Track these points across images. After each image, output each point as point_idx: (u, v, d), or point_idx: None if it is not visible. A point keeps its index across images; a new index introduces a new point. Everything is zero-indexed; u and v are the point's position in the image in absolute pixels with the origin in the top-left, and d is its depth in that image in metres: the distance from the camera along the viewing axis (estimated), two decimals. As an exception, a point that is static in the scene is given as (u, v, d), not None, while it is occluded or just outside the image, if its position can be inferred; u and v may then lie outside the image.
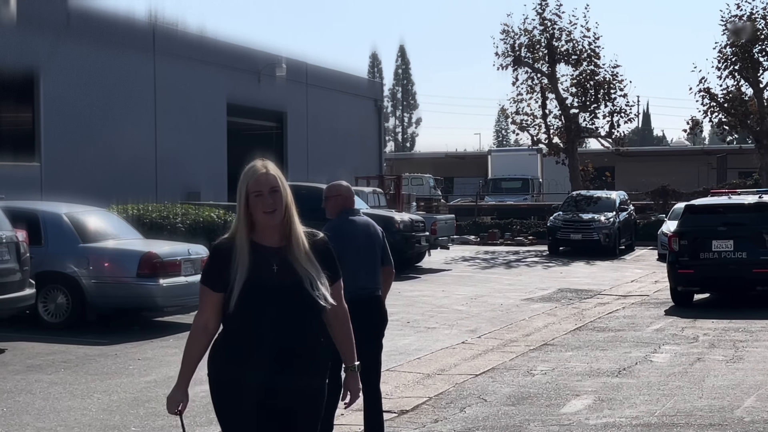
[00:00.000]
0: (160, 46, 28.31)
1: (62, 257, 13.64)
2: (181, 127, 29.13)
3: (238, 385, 4.54)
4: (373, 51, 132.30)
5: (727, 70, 35.87)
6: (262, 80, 33.18)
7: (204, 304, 4.56)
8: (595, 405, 9.24)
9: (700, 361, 11.61)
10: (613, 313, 16.48)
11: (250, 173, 4.50)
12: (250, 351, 4.44)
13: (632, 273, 24.54)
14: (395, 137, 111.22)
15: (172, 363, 11.30)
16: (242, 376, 4.49)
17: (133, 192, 24.05)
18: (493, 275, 23.76)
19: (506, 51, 36.51)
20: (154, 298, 13.52)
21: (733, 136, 39.72)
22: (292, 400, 4.48)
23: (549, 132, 37.45)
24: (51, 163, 24.38)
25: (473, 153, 71.32)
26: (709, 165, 50.87)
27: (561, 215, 30.94)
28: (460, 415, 8.93)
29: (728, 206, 17.70)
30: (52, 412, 8.81)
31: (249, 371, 4.45)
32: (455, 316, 15.99)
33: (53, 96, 24.62)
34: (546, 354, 12.34)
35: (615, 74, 36.82)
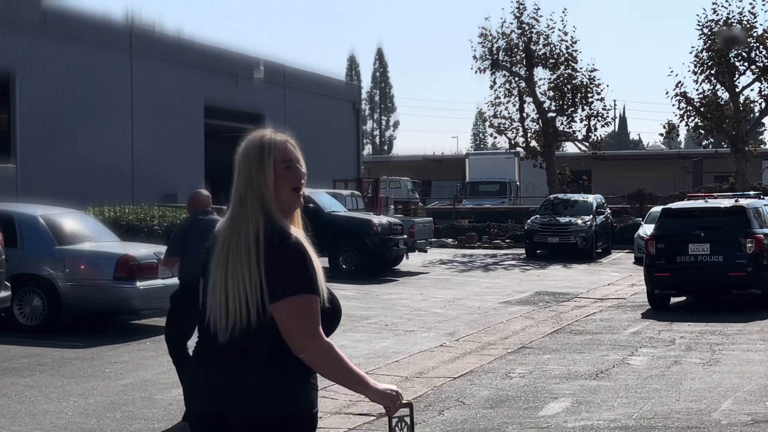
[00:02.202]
0: (137, 48, 28.19)
1: (38, 259, 13.53)
2: (158, 129, 29.01)
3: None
4: (351, 54, 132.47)
5: (704, 74, 36.11)
6: (240, 82, 33.11)
7: (316, 315, 3.35)
8: (573, 408, 9.25)
9: (677, 364, 11.66)
10: (591, 316, 16.53)
11: (270, 141, 3.44)
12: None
13: (609, 276, 24.63)
14: (373, 140, 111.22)
15: (149, 366, 11.24)
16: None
17: (109, 194, 23.95)
18: (470, 278, 23.79)
19: (484, 54, 36.62)
20: (131, 300, 13.43)
21: (709, 140, 39.85)
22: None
23: (526, 135, 37.57)
24: (27, 164, 24.21)
25: (451, 156, 71.41)
26: (685, 169, 51.18)
27: (538, 218, 31.03)
28: (439, 418, 8.92)
29: (705, 210, 17.80)
30: (27, 416, 8.73)
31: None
32: (433, 319, 15.99)
33: (29, 97, 24.46)
34: (524, 357, 12.36)
35: (592, 78, 37.01)
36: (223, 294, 3.31)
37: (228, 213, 3.40)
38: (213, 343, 3.37)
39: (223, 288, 3.31)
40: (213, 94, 31.78)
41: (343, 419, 8.64)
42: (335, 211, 23.65)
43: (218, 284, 3.34)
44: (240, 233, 3.33)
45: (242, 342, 3.32)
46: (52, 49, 25.12)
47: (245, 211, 3.35)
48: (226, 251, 3.34)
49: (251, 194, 3.36)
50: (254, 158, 3.39)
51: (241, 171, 3.40)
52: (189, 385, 3.65)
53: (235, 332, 3.31)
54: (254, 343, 3.32)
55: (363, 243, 22.36)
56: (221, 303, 3.33)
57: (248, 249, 3.30)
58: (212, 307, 3.34)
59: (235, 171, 3.41)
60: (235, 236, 3.33)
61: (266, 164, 3.38)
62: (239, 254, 3.31)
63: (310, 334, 3.28)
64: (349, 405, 9.33)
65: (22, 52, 24.24)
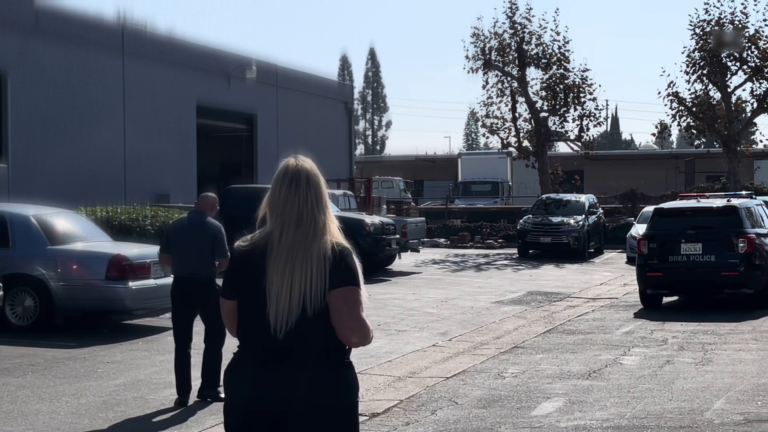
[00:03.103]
0: (129, 48, 28.15)
1: (30, 259, 13.50)
2: (151, 129, 28.97)
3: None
4: (343, 54, 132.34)
5: (696, 74, 36.17)
6: (232, 82, 33.08)
7: (362, 304, 3.98)
8: (565, 407, 9.26)
9: (669, 364, 11.67)
10: (583, 316, 16.55)
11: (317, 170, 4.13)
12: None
13: (601, 276, 24.66)
14: (365, 140, 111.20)
15: (141, 366, 11.23)
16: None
17: (101, 194, 23.91)
18: (463, 278, 23.80)
19: (476, 54, 36.63)
20: (123, 300, 13.41)
21: (701, 140, 39.94)
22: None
23: (519, 135, 37.60)
24: (19, 164, 24.15)
25: (443, 156, 71.46)
26: (677, 169, 51.27)
27: (531, 218, 31.06)
28: (432, 417, 8.92)
29: (697, 210, 17.83)
30: (19, 416, 8.71)
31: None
32: (426, 318, 15.99)
33: (21, 97, 24.40)
34: (516, 357, 12.36)
35: (584, 78, 37.06)
36: (287, 295, 3.80)
37: (287, 230, 3.89)
38: (269, 344, 3.81)
39: (288, 289, 3.81)
40: (205, 94, 31.75)
41: (336, 419, 8.64)
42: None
43: (284, 287, 3.81)
44: (314, 246, 3.86)
45: (304, 337, 3.80)
46: (44, 48, 25.06)
47: (317, 230, 3.90)
48: (297, 261, 3.84)
49: (308, 213, 3.91)
50: (317, 183, 3.99)
51: (304, 198, 3.93)
52: (244, 386, 3.89)
53: (302, 326, 3.79)
54: (316, 337, 3.81)
55: (355, 243, 22.11)
56: (286, 302, 3.80)
57: (318, 257, 3.84)
58: (277, 306, 3.79)
59: (290, 192, 3.94)
60: (310, 249, 3.85)
61: (324, 189, 4.01)
62: (309, 262, 3.83)
63: (357, 318, 3.81)
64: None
65: (15, 52, 24.18)
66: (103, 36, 27.38)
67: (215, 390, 9.46)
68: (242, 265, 3.97)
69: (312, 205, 3.93)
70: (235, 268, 4.01)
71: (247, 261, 3.95)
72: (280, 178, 4.01)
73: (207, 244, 9.58)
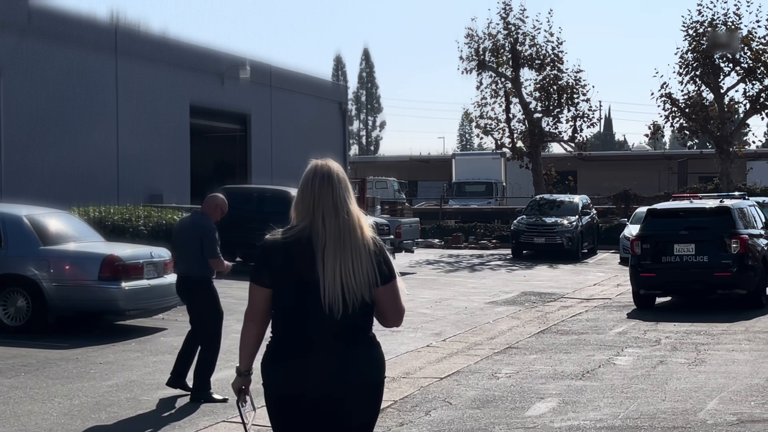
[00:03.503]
0: (123, 47, 28.09)
1: (22, 260, 13.45)
2: (144, 129, 28.91)
3: None
4: (337, 54, 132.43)
5: (689, 75, 36.23)
6: (226, 82, 33.03)
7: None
8: (559, 408, 9.26)
9: (662, 364, 11.68)
10: (576, 317, 16.56)
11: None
12: None
13: (595, 276, 24.68)
14: (359, 140, 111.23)
15: (134, 367, 11.20)
16: None
17: (94, 194, 23.85)
18: (457, 278, 23.80)
19: (470, 55, 36.66)
20: (116, 301, 13.37)
21: (693, 141, 40.05)
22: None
23: (513, 136, 37.62)
24: (11, 164, 24.08)
25: (437, 156, 71.53)
26: (670, 170, 51.35)
27: (524, 219, 31.08)
28: (426, 418, 8.91)
29: (690, 210, 17.85)
30: (12, 417, 8.68)
31: None
32: (420, 319, 15.99)
33: (13, 96, 24.33)
34: (510, 357, 12.36)
35: (578, 79, 37.10)
36: (344, 280, 4.20)
37: (329, 220, 4.26)
38: (325, 328, 4.19)
39: (344, 274, 4.21)
40: (199, 94, 31.69)
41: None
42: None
43: (339, 273, 4.20)
44: (357, 236, 4.30)
45: (358, 318, 4.25)
46: (37, 48, 25.00)
47: (353, 221, 4.33)
48: (345, 248, 4.25)
49: (341, 203, 4.31)
50: (345, 179, 4.40)
51: (339, 192, 4.33)
52: (294, 373, 4.21)
53: (354, 309, 4.21)
54: (365, 319, 4.29)
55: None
56: (349, 288, 4.21)
57: (369, 247, 4.31)
58: (335, 291, 4.18)
59: (324, 186, 4.32)
60: (354, 238, 4.28)
61: (350, 184, 4.45)
62: (362, 251, 4.27)
63: (401, 307, 4.40)
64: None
65: (7, 51, 24.12)
66: (97, 36, 27.32)
67: (207, 392, 9.45)
68: (282, 255, 4.25)
69: (344, 196, 4.33)
70: (271, 257, 4.26)
71: (289, 251, 4.24)
72: (311, 176, 4.36)
73: (195, 244, 9.60)
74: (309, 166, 4.42)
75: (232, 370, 4.61)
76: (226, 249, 16.81)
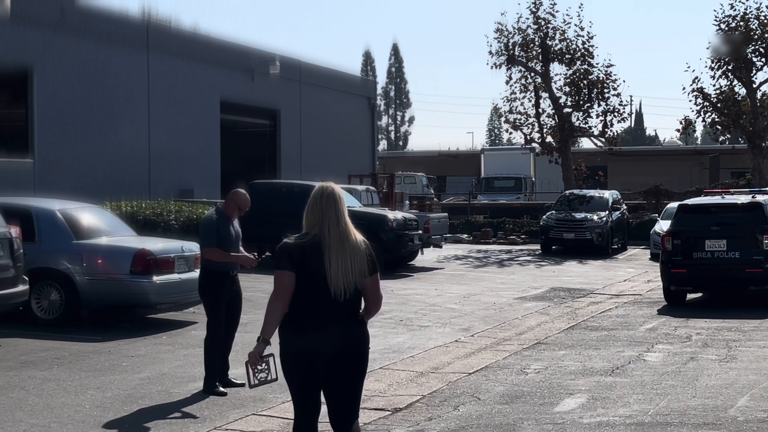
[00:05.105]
0: (154, 44, 28.28)
1: (55, 254, 13.60)
2: (175, 125, 29.10)
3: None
4: (366, 49, 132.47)
5: (720, 70, 35.93)
6: (256, 78, 33.17)
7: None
8: (588, 404, 9.25)
9: (693, 361, 11.63)
10: (606, 312, 16.50)
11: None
12: None
13: (625, 272, 24.57)
14: (388, 135, 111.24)
15: (165, 360, 11.29)
16: None
17: (126, 189, 24.07)
18: (485, 274, 23.78)
19: (500, 50, 36.52)
20: (147, 295, 13.48)
21: (725, 136, 39.72)
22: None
23: (542, 131, 37.46)
24: (44, 159, 24.33)
25: (466, 152, 71.42)
26: (702, 165, 51.03)
27: (554, 214, 30.96)
28: (454, 413, 8.93)
29: (721, 206, 17.73)
30: (45, 409, 8.79)
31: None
32: (448, 314, 16.00)
33: (47, 93, 24.58)
34: (539, 353, 12.35)
35: (608, 74, 36.84)
36: (344, 273, 5.55)
37: (332, 229, 5.60)
38: (329, 308, 5.54)
39: (344, 269, 5.56)
40: (229, 90, 31.85)
41: (358, 414, 8.65)
42: (350, 207, 23.51)
43: (341, 268, 5.55)
44: (351, 240, 5.64)
45: (352, 301, 5.63)
46: (69, 44, 25.22)
47: (349, 229, 5.66)
48: (344, 249, 5.60)
49: (341, 216, 5.65)
50: (343, 198, 5.72)
51: (339, 207, 5.66)
52: (307, 335, 5.57)
53: (350, 294, 5.59)
54: (357, 302, 5.69)
55: (378, 238, 22.27)
56: (346, 278, 5.56)
57: (360, 248, 5.67)
58: (339, 282, 5.53)
59: (329, 204, 5.65)
60: (349, 241, 5.63)
61: (345, 204, 5.76)
62: (356, 251, 5.64)
63: (380, 296, 5.82)
64: (364, 399, 9.34)
65: (40, 48, 24.35)
66: (128, 32, 27.52)
67: (211, 384, 9.51)
68: (299, 253, 5.56)
69: (343, 211, 5.69)
70: (291, 252, 5.57)
71: (303, 251, 5.56)
72: (319, 196, 5.69)
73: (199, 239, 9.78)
74: (317, 187, 5.74)
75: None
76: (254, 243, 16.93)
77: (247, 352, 5.79)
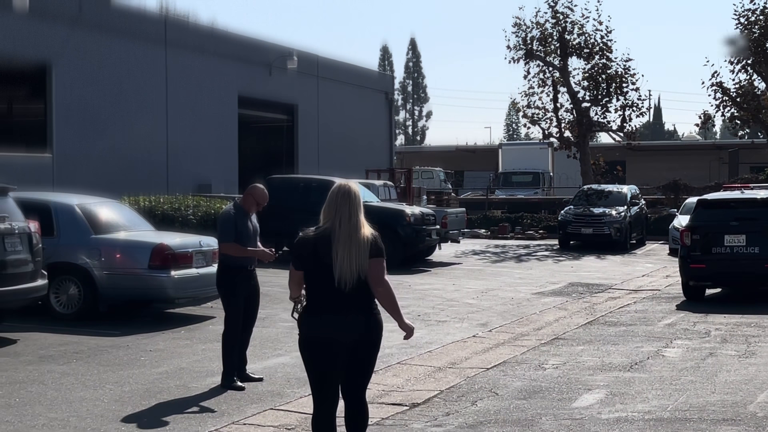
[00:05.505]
0: (172, 39, 28.33)
1: (74, 248, 13.64)
2: (193, 119, 29.16)
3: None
4: (383, 44, 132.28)
5: (740, 64, 35.72)
6: (274, 73, 33.19)
7: (385, 268, 6.30)
8: (607, 399, 9.22)
9: (712, 356, 11.57)
10: (625, 308, 16.44)
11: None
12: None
13: (643, 267, 24.47)
14: (405, 130, 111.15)
15: (184, 354, 11.32)
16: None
17: (144, 184, 24.13)
18: (503, 269, 23.73)
19: (518, 44, 36.40)
20: (166, 289, 13.52)
21: (745, 131, 39.51)
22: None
23: (560, 126, 37.34)
24: (63, 154, 24.43)
25: (484, 146, 71.24)
26: (721, 160, 50.72)
27: (572, 209, 30.86)
28: (472, 408, 8.92)
29: (741, 201, 17.62)
30: (64, 403, 8.83)
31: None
32: (466, 309, 15.98)
33: (65, 87, 24.66)
34: (557, 348, 12.32)
35: (627, 68, 36.67)
36: (349, 263, 5.98)
37: (344, 223, 6.03)
38: (338, 296, 5.98)
39: (350, 259, 5.98)
40: (246, 85, 31.88)
41: (375, 409, 8.65)
42: (368, 202, 23.44)
43: (345, 258, 5.97)
44: (360, 234, 6.05)
45: (362, 291, 6.05)
46: (88, 39, 25.30)
47: (359, 224, 6.08)
48: (351, 242, 6.01)
49: (354, 213, 6.08)
50: (359, 196, 6.18)
51: (353, 205, 6.10)
52: (322, 326, 6.05)
53: (355, 283, 6.00)
54: (367, 292, 6.09)
55: (395, 233, 22.29)
56: (350, 267, 5.98)
57: (367, 239, 6.07)
58: (344, 271, 5.96)
59: (344, 201, 6.09)
60: (356, 234, 6.04)
61: (361, 202, 6.24)
62: (361, 243, 6.04)
63: (383, 276, 6.11)
64: (382, 395, 9.35)
65: (59, 43, 24.44)
66: (146, 27, 27.58)
67: (229, 379, 9.52)
68: (312, 246, 6.05)
69: (357, 209, 6.13)
70: (303, 249, 6.09)
71: (316, 244, 6.04)
72: (336, 192, 6.14)
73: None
74: (335, 185, 6.23)
75: (279, 358, 5.27)
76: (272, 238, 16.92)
77: (264, 347, 5.89)
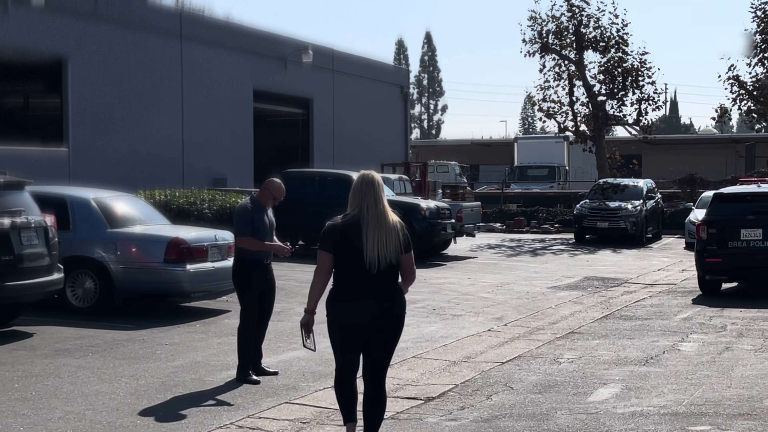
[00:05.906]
0: (187, 32, 28.38)
1: (90, 242, 13.69)
2: (208, 113, 29.22)
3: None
4: (399, 38, 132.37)
5: (757, 58, 35.52)
6: (289, 66, 33.21)
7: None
8: (622, 394, 9.19)
9: (728, 351, 11.52)
10: (640, 302, 16.39)
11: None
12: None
13: (659, 261, 24.39)
14: (421, 124, 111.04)
15: (199, 348, 11.35)
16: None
17: (159, 178, 24.19)
18: (519, 263, 23.69)
19: (533, 38, 36.30)
20: (181, 283, 13.55)
21: (761, 124, 39.27)
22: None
23: (576, 119, 37.22)
24: (79, 148, 24.52)
25: (499, 140, 71.12)
26: (737, 153, 50.49)
27: (588, 203, 30.77)
28: (487, 402, 8.91)
29: (757, 195, 17.53)
30: (80, 396, 8.86)
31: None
32: (481, 303, 15.96)
33: (81, 82, 24.75)
34: (572, 342, 12.29)
35: (643, 61, 36.51)
36: (380, 246, 6.40)
37: (371, 209, 6.45)
38: (366, 279, 6.42)
39: (380, 243, 6.40)
40: (262, 79, 31.92)
41: (391, 402, 8.63)
42: (383, 195, 23.59)
43: (376, 241, 6.40)
44: (388, 219, 6.49)
45: (389, 273, 6.50)
46: (103, 34, 25.37)
47: (385, 210, 6.50)
48: (381, 227, 6.44)
49: (378, 199, 6.50)
50: (382, 184, 6.59)
51: (378, 191, 6.51)
52: (353, 308, 6.51)
53: (385, 266, 6.44)
54: (393, 275, 6.55)
55: (411, 227, 21.98)
56: (381, 251, 6.41)
57: (396, 227, 6.53)
58: (375, 254, 6.39)
59: (369, 189, 6.50)
60: (385, 219, 6.47)
61: (384, 190, 6.63)
62: (391, 228, 6.48)
63: (414, 271, 6.69)
64: (397, 389, 9.35)
65: (74, 37, 24.51)
66: (162, 21, 27.64)
67: (245, 373, 9.53)
68: (341, 233, 6.44)
69: (381, 195, 6.53)
70: (333, 234, 6.46)
71: (345, 230, 6.44)
72: (360, 181, 6.54)
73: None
74: (359, 174, 6.59)
75: (294, 352, 5.26)
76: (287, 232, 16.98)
77: (280, 341, 5.90)
